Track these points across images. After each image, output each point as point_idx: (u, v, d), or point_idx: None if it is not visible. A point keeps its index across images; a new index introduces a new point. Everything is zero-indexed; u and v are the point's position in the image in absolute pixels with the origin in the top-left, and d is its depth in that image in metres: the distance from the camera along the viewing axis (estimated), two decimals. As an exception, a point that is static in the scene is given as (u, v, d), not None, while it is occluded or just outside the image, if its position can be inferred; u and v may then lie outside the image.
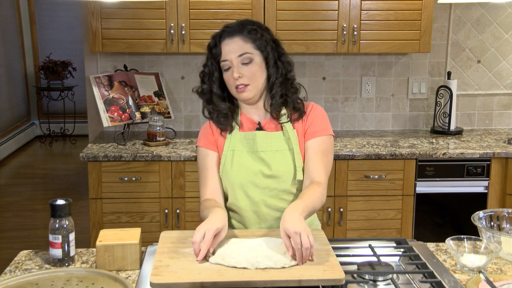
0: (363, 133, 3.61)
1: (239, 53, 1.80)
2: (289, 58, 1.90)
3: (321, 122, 1.88)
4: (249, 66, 1.81)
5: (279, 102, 1.86)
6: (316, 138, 1.85)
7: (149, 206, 3.06)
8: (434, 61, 3.69)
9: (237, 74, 1.80)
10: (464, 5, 3.61)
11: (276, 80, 1.85)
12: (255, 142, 1.86)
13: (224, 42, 1.82)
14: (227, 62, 1.81)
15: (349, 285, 1.50)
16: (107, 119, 3.13)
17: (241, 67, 1.80)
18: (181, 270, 1.45)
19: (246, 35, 1.81)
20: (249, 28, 1.82)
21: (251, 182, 1.84)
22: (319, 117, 1.89)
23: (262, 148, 1.85)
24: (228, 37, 1.82)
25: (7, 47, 7.12)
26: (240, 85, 1.81)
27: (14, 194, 5.47)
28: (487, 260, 1.61)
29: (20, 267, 1.63)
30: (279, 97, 1.85)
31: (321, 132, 1.86)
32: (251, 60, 1.81)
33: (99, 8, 3.10)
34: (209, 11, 3.14)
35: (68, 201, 1.64)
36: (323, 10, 3.19)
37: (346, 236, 3.15)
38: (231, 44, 1.81)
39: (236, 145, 1.87)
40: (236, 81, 1.81)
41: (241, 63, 1.80)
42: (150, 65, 3.54)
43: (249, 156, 1.85)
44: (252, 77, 1.81)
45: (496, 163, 3.14)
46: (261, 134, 1.87)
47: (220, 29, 1.86)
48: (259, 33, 1.83)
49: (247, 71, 1.80)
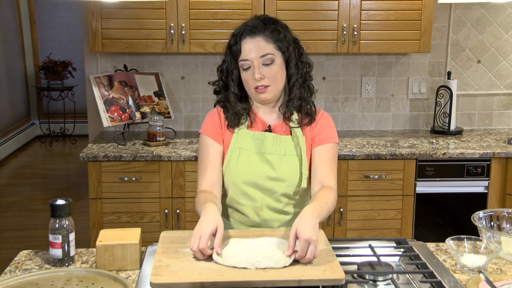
0: (363, 133, 3.61)
1: (261, 53, 1.76)
2: (309, 59, 1.87)
3: (330, 129, 1.88)
4: (271, 67, 1.77)
5: (296, 105, 1.84)
6: (325, 144, 1.84)
7: (149, 206, 3.06)
8: (434, 61, 3.69)
9: (258, 75, 1.76)
10: (464, 5, 3.61)
11: (296, 81, 1.82)
12: (263, 143, 1.84)
13: (245, 41, 1.78)
14: (248, 62, 1.78)
15: (349, 285, 1.50)
16: (107, 119, 3.13)
17: (262, 68, 1.77)
18: (181, 270, 1.45)
19: (268, 35, 1.78)
20: (272, 28, 1.78)
21: (254, 183, 1.83)
22: (328, 125, 1.88)
23: (270, 151, 1.84)
24: (250, 36, 1.78)
25: (7, 47, 7.12)
26: (260, 86, 1.78)
27: (14, 194, 5.47)
28: (487, 260, 1.61)
29: (20, 267, 1.63)
30: (297, 100, 1.83)
31: (329, 140, 1.85)
32: (272, 61, 1.77)
33: (99, 8, 3.10)
34: (209, 11, 3.14)
35: (68, 201, 1.64)
36: (323, 10, 3.19)
37: (346, 236, 3.15)
38: (253, 44, 1.77)
39: (244, 144, 1.85)
40: (256, 82, 1.78)
41: (263, 63, 1.77)
42: (150, 65, 3.54)
43: (256, 157, 1.84)
44: (273, 78, 1.78)
45: (496, 163, 3.14)
46: (271, 136, 1.85)
47: (240, 26, 1.81)
48: (282, 33, 1.79)
49: (269, 72, 1.77)
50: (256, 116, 1.89)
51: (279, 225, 1.88)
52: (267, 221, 1.86)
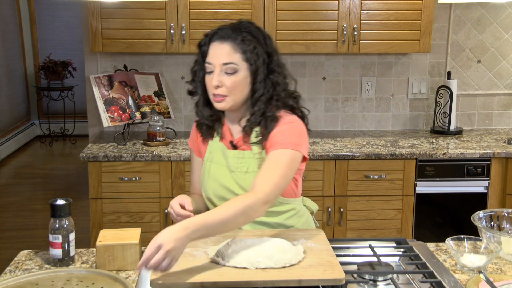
0: (363, 133, 3.61)
1: (224, 60, 1.68)
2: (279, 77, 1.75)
3: (283, 136, 1.70)
4: (232, 77, 1.69)
5: (257, 121, 1.73)
6: (274, 150, 1.68)
7: (149, 206, 3.06)
8: (434, 61, 3.69)
9: (216, 82, 1.69)
10: (464, 5, 3.61)
11: (261, 97, 1.72)
12: (227, 160, 1.80)
13: (213, 44, 1.71)
14: (211, 66, 1.70)
15: (349, 285, 1.50)
16: (107, 119, 3.13)
17: (222, 76, 1.69)
18: (181, 270, 1.45)
19: (238, 43, 1.69)
20: (243, 37, 1.69)
21: (224, 197, 1.78)
22: (282, 132, 1.71)
23: (233, 168, 1.78)
24: (219, 40, 1.70)
25: (7, 47, 7.11)
26: (217, 94, 1.71)
27: (14, 194, 5.47)
28: (487, 260, 1.61)
29: (20, 267, 1.63)
30: (259, 116, 1.73)
31: (279, 145, 1.68)
32: (235, 71, 1.69)
33: (99, 8, 3.10)
34: (209, 11, 3.14)
35: (68, 201, 1.64)
36: (323, 10, 3.19)
37: (346, 236, 3.15)
38: (219, 49, 1.69)
39: (215, 157, 1.82)
40: (214, 89, 1.71)
41: (225, 71, 1.69)
42: (150, 65, 3.54)
43: (224, 171, 1.80)
44: (232, 89, 1.70)
45: (496, 163, 3.14)
46: (232, 153, 1.79)
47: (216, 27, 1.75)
48: (252, 44, 1.69)
49: (229, 82, 1.69)
50: (226, 126, 1.83)
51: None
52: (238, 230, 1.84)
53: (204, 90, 1.77)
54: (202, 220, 1.46)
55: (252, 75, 1.72)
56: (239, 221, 1.52)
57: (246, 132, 1.77)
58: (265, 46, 1.75)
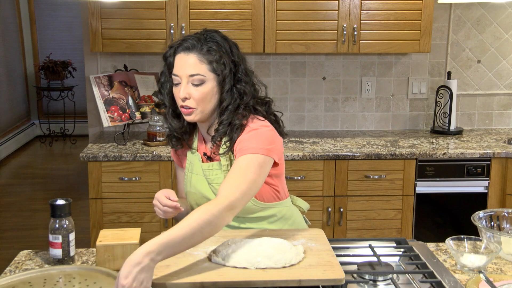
0: (363, 133, 3.61)
1: (191, 72, 1.66)
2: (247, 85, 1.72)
3: (248, 142, 1.67)
4: (199, 88, 1.67)
5: (224, 130, 1.71)
6: (240, 156, 1.64)
7: (149, 206, 3.05)
8: (434, 61, 3.69)
9: (184, 94, 1.67)
10: (464, 5, 3.61)
11: (228, 106, 1.70)
12: (203, 172, 1.80)
13: (179, 56, 1.69)
14: (177, 78, 1.69)
15: (349, 285, 1.50)
16: (107, 119, 3.13)
17: (190, 87, 1.67)
18: (181, 270, 1.45)
19: (203, 54, 1.67)
20: (209, 47, 1.67)
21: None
22: (247, 139, 1.68)
23: (210, 181, 1.79)
24: (184, 52, 1.68)
25: (7, 47, 7.12)
26: (185, 106, 1.69)
27: (14, 194, 5.47)
28: (487, 260, 1.61)
29: (20, 267, 1.63)
30: (226, 125, 1.71)
31: (244, 151, 1.64)
32: (202, 82, 1.67)
33: (99, 8, 3.10)
34: (209, 11, 3.14)
35: (68, 201, 1.64)
36: (323, 10, 3.19)
37: (346, 236, 3.15)
38: (185, 60, 1.67)
39: (194, 168, 1.82)
40: (181, 101, 1.69)
41: (192, 83, 1.67)
42: (150, 65, 3.54)
43: (203, 182, 1.81)
44: (200, 100, 1.68)
45: (496, 163, 3.14)
46: (206, 166, 1.79)
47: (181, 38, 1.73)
48: (217, 54, 1.67)
49: (197, 93, 1.67)
50: (201, 136, 1.83)
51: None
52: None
53: (172, 101, 1.76)
54: (164, 240, 1.37)
55: (219, 85, 1.70)
56: (205, 231, 1.44)
57: (216, 143, 1.74)
58: (231, 55, 1.72)
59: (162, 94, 1.78)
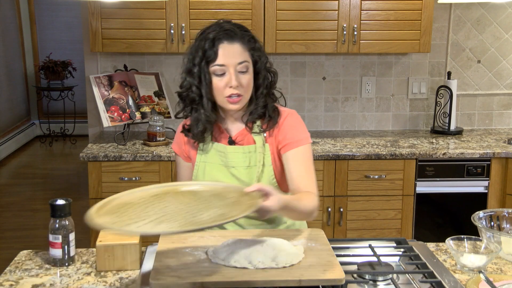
0: (363, 133, 3.61)
1: (239, 60, 1.69)
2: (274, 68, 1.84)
3: (296, 131, 1.79)
4: (245, 75, 1.71)
5: (259, 113, 1.78)
6: (295, 148, 1.76)
7: (149, 206, 3.05)
8: (434, 61, 3.69)
9: (236, 82, 1.69)
10: (464, 5, 3.61)
11: (263, 90, 1.78)
12: (226, 157, 1.79)
13: (222, 45, 1.69)
14: (223, 67, 1.69)
15: (349, 285, 1.50)
16: (107, 119, 3.13)
17: (238, 75, 1.70)
18: (181, 270, 1.45)
19: (245, 42, 1.72)
20: (249, 36, 1.74)
21: None
22: (292, 127, 1.80)
23: (234, 164, 1.79)
24: (228, 41, 1.69)
25: (7, 47, 7.12)
26: (234, 95, 1.70)
27: (14, 194, 5.47)
28: (487, 260, 1.61)
29: (20, 267, 1.63)
30: (260, 108, 1.78)
31: (300, 142, 1.77)
32: (247, 69, 1.72)
33: (99, 8, 3.11)
34: (209, 11, 3.14)
35: (68, 201, 1.64)
36: (323, 10, 3.19)
37: (346, 236, 3.15)
38: (231, 49, 1.69)
39: (208, 157, 1.82)
40: (231, 90, 1.70)
41: (239, 71, 1.70)
42: (150, 65, 3.54)
43: (222, 170, 1.80)
44: (247, 87, 1.72)
45: (496, 163, 3.14)
46: (233, 149, 1.79)
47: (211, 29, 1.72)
48: (257, 42, 1.76)
49: (244, 80, 1.71)
50: (217, 125, 1.83)
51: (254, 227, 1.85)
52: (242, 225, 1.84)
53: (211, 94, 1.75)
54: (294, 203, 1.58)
55: (254, 72, 1.76)
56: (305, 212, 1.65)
57: (248, 126, 1.79)
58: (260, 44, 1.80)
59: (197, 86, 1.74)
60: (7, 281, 1.54)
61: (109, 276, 1.58)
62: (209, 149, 1.82)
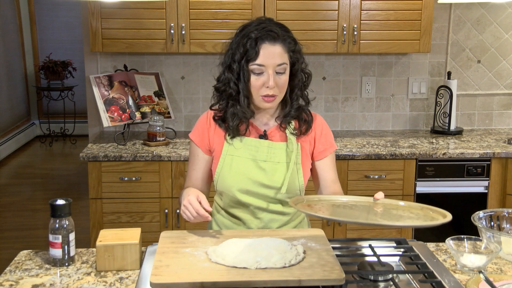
0: (363, 133, 3.61)
1: (279, 61, 1.73)
2: (309, 70, 1.88)
3: (330, 137, 1.93)
4: (282, 77, 1.76)
5: (294, 115, 1.84)
6: (329, 156, 1.91)
7: (149, 206, 3.06)
8: (434, 61, 3.69)
9: (273, 83, 1.73)
10: (464, 5, 3.61)
11: (298, 92, 1.83)
12: (258, 151, 1.82)
13: (264, 46, 1.72)
14: (262, 67, 1.73)
15: (349, 285, 1.50)
16: (107, 119, 3.13)
17: (276, 76, 1.74)
18: (181, 270, 1.45)
19: (286, 44, 1.76)
20: (290, 38, 1.77)
21: (248, 190, 1.81)
22: (328, 133, 1.93)
23: (264, 158, 1.82)
24: (270, 42, 1.73)
25: (7, 47, 7.12)
26: (270, 95, 1.75)
27: (14, 194, 5.47)
28: (487, 260, 1.61)
29: (20, 267, 1.63)
30: (295, 110, 1.83)
31: (331, 149, 1.92)
32: (285, 70, 1.76)
33: (99, 8, 3.11)
34: (209, 11, 3.14)
35: (68, 201, 1.64)
36: (323, 10, 3.19)
37: (346, 236, 3.15)
38: (273, 50, 1.73)
39: (237, 150, 1.82)
40: (267, 90, 1.74)
41: (277, 72, 1.74)
42: (150, 65, 3.54)
43: (250, 164, 1.81)
44: (282, 88, 1.77)
45: (496, 163, 3.14)
46: (265, 143, 1.83)
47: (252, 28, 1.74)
48: (297, 44, 1.80)
49: (281, 81, 1.75)
50: (251, 122, 1.86)
51: (279, 225, 1.87)
52: (265, 222, 1.86)
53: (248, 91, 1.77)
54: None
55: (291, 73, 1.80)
56: None
57: (282, 126, 1.85)
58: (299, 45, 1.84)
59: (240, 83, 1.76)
60: (7, 281, 1.54)
61: (109, 276, 1.58)
62: (238, 143, 1.83)
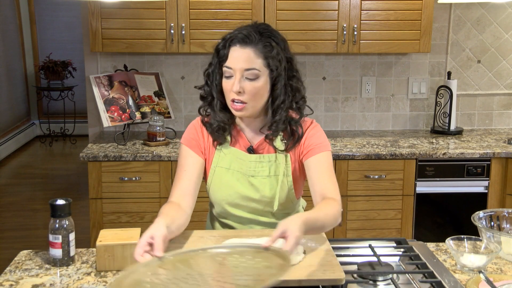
0: (363, 133, 3.61)
1: (246, 66, 1.63)
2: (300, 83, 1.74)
3: (318, 138, 1.76)
4: (253, 83, 1.64)
5: (280, 129, 1.72)
6: (316, 155, 1.73)
7: (149, 206, 3.06)
8: (434, 61, 3.69)
9: (237, 87, 1.63)
10: (464, 5, 3.61)
11: (282, 104, 1.69)
12: (246, 165, 1.76)
13: (234, 48, 1.64)
14: (231, 70, 1.64)
15: (349, 285, 1.50)
16: (107, 119, 3.13)
17: (243, 81, 1.64)
18: None
19: (260, 49, 1.64)
20: (266, 42, 1.65)
21: (238, 204, 1.78)
22: (313, 135, 1.76)
23: (253, 173, 1.75)
24: (240, 45, 1.64)
25: (7, 47, 7.11)
26: (237, 101, 1.65)
27: (14, 194, 5.47)
28: (487, 260, 1.61)
29: (20, 267, 1.63)
30: (281, 123, 1.71)
31: (319, 149, 1.73)
32: (257, 77, 1.64)
33: (99, 8, 3.11)
34: (209, 11, 3.14)
35: (68, 201, 1.64)
36: (323, 10, 3.19)
37: (346, 236, 3.15)
38: (241, 53, 1.63)
39: (227, 163, 1.77)
40: (233, 95, 1.65)
41: (246, 77, 1.64)
42: (150, 65, 3.54)
43: (239, 177, 1.76)
44: (253, 96, 1.65)
45: (496, 163, 3.14)
46: (253, 158, 1.76)
47: (234, 30, 1.68)
48: (275, 50, 1.65)
49: (250, 88, 1.64)
50: (239, 131, 1.79)
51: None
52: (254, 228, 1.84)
53: (220, 94, 1.71)
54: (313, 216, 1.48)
55: (271, 81, 1.68)
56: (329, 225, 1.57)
57: (268, 138, 1.75)
58: (284, 51, 1.70)
59: (209, 85, 1.72)
60: (7, 281, 1.54)
61: (109, 276, 1.58)
62: (228, 155, 1.77)
